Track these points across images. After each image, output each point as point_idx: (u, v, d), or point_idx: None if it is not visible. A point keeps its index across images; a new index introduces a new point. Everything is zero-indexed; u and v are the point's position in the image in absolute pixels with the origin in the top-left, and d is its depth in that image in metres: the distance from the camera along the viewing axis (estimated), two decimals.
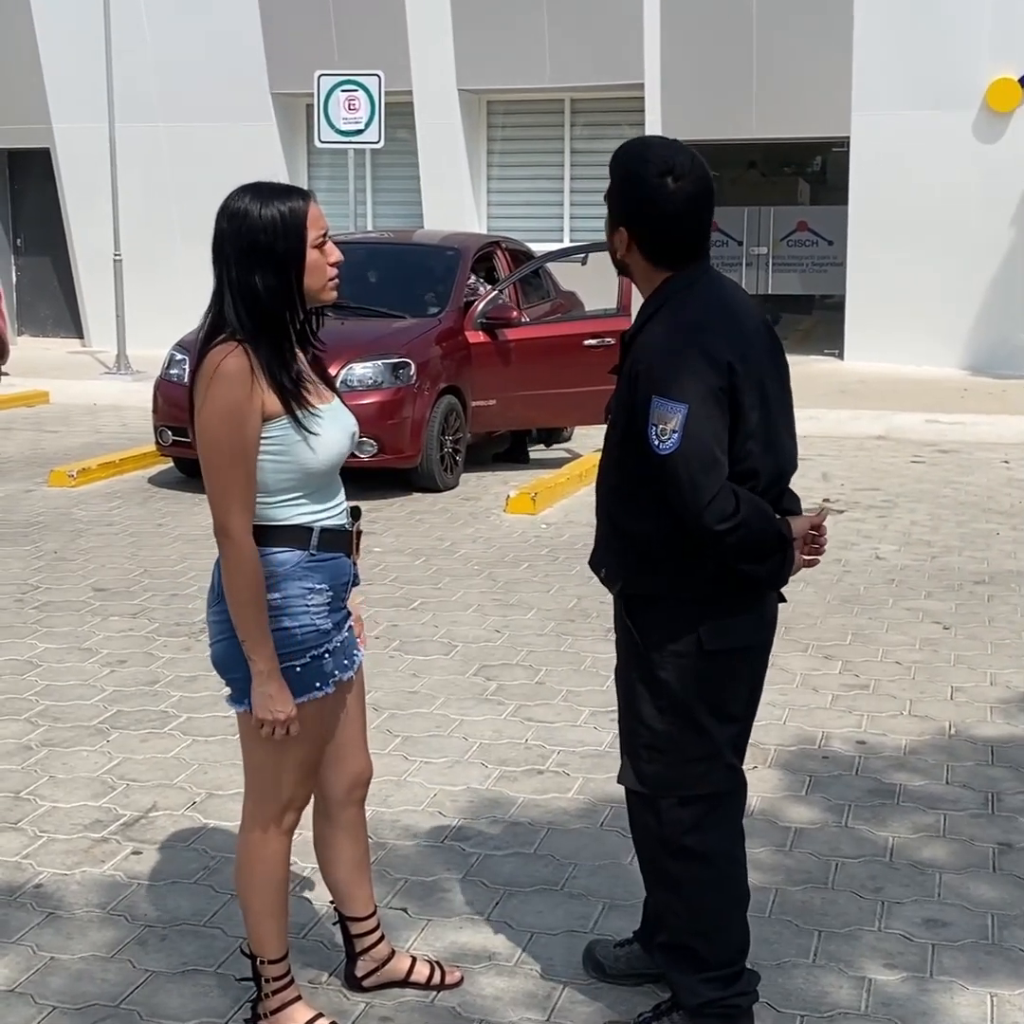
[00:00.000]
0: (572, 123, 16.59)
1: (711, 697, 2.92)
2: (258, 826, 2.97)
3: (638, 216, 2.82)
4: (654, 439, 2.74)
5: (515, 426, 10.31)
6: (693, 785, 2.95)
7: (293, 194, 2.78)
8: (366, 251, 10.94)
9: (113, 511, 8.55)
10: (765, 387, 2.84)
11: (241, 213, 2.74)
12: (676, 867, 2.99)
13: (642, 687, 2.96)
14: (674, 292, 2.85)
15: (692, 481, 2.71)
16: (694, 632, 2.87)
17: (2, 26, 16.71)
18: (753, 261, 16.76)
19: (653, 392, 2.74)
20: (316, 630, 2.86)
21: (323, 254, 2.81)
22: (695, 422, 2.71)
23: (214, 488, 2.76)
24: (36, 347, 17.35)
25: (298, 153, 17.16)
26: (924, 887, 3.77)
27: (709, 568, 2.83)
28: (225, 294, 2.77)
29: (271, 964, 3.03)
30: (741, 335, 2.83)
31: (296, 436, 2.77)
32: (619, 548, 2.96)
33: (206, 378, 2.73)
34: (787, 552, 2.86)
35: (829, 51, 14.62)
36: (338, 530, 2.90)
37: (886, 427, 11.71)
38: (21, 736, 4.81)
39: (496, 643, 5.94)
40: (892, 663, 5.69)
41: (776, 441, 2.88)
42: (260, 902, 2.99)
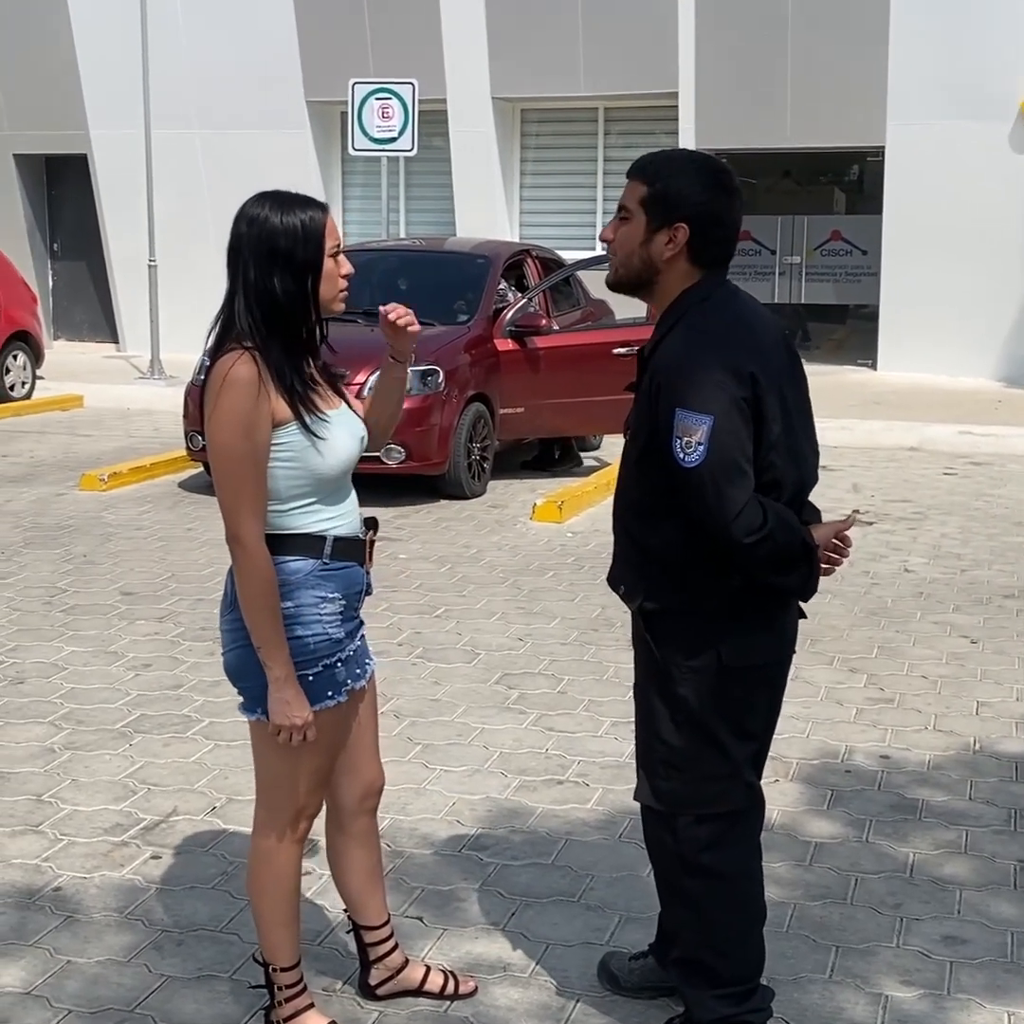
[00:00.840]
0: (606, 131, 16.59)
1: (730, 714, 2.90)
2: (270, 834, 2.98)
3: (710, 213, 2.81)
4: (679, 452, 2.71)
5: (543, 434, 10.31)
6: (711, 803, 2.93)
7: (312, 204, 2.82)
8: (397, 259, 10.99)
9: (143, 515, 8.60)
10: (785, 398, 2.82)
11: (262, 218, 2.77)
12: (692, 884, 2.97)
13: (660, 703, 2.94)
14: (691, 305, 2.84)
15: (719, 493, 2.69)
16: (713, 648, 2.85)
17: (40, 33, 16.85)
18: (786, 270, 16.70)
19: (676, 405, 2.72)
20: (328, 639, 2.86)
21: (336, 265, 2.84)
22: (721, 434, 2.68)
23: (226, 496, 2.77)
24: (71, 351, 17.48)
25: (332, 160, 17.23)
26: (944, 904, 3.74)
27: (733, 583, 2.81)
28: (238, 298, 2.78)
29: (283, 972, 3.03)
30: (760, 347, 2.81)
31: (305, 442, 2.78)
32: (638, 563, 2.94)
33: (215, 386, 2.75)
34: (813, 562, 2.83)
35: (864, 60, 14.56)
36: (351, 539, 2.91)
37: (919, 438, 11.64)
38: (45, 739, 4.84)
39: (519, 652, 5.93)
40: (918, 677, 5.65)
41: (798, 452, 2.86)
42: (271, 910, 3.00)
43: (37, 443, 11.39)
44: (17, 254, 16.07)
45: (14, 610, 6.43)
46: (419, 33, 15.74)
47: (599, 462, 10.63)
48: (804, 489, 2.91)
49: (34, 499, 9.02)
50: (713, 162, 2.91)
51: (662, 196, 2.81)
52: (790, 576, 2.81)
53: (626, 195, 2.87)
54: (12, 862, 3.91)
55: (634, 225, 2.85)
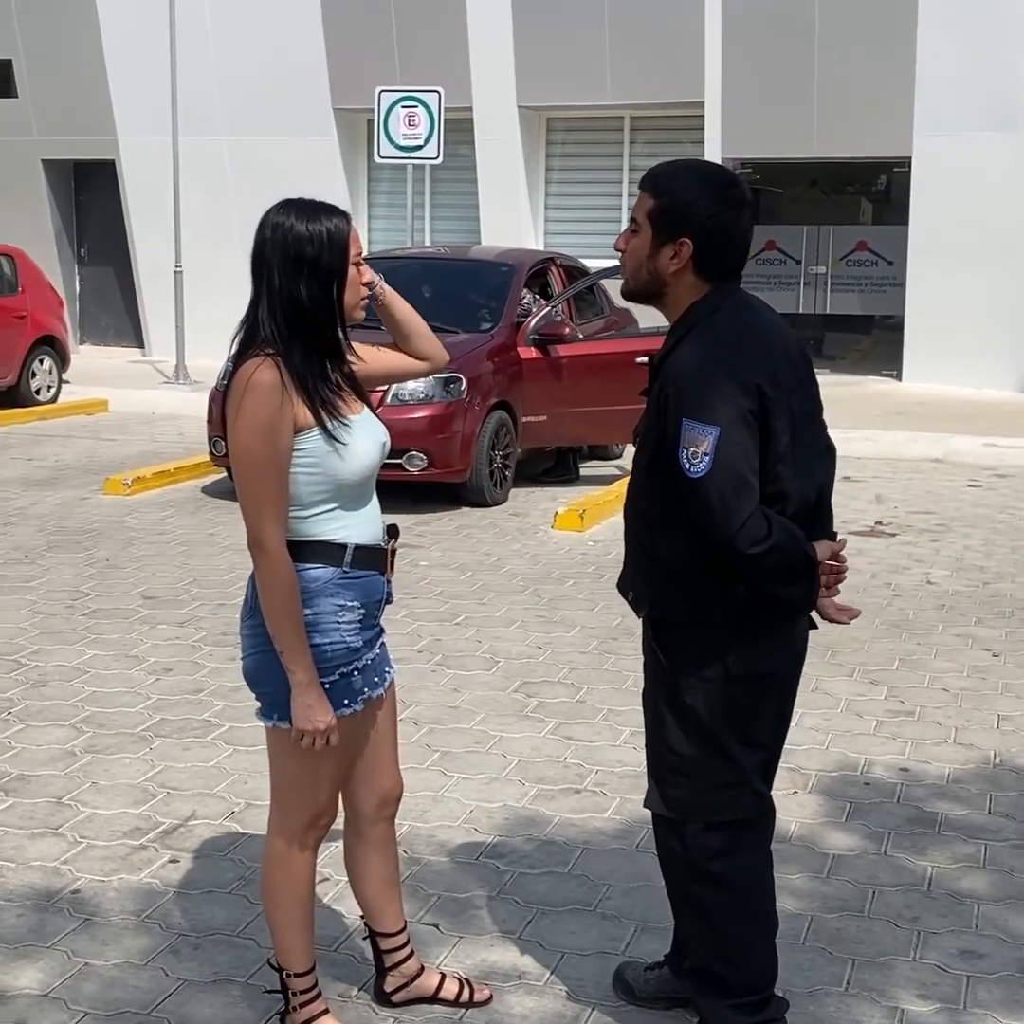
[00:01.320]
0: (631, 140, 16.60)
1: (738, 723, 2.91)
2: (284, 840, 2.99)
3: (715, 227, 2.81)
4: (685, 462, 2.73)
5: (565, 442, 10.32)
6: (720, 811, 2.93)
7: (336, 212, 2.85)
8: (422, 266, 11.01)
9: (166, 520, 8.64)
10: (794, 411, 2.82)
11: (287, 225, 2.79)
12: (702, 893, 2.98)
13: (668, 712, 2.95)
14: (703, 315, 2.84)
15: (724, 504, 2.70)
16: (721, 657, 2.86)
17: (70, 40, 16.97)
18: (811, 280, 16.67)
19: (683, 415, 2.73)
20: (346, 648, 2.87)
21: (359, 273, 2.86)
22: (726, 445, 2.69)
23: (248, 501, 2.78)
24: (97, 356, 17.58)
25: (358, 168, 17.29)
26: (961, 918, 3.73)
27: (738, 592, 2.82)
28: (263, 303, 2.80)
29: (297, 977, 3.04)
30: (770, 357, 2.81)
31: (327, 447, 2.79)
32: (647, 572, 2.95)
33: (238, 392, 2.77)
34: (815, 575, 2.84)
35: (891, 71, 14.54)
36: (373, 548, 2.92)
37: (943, 450, 11.59)
38: (66, 742, 4.87)
39: (538, 660, 5.93)
40: (939, 690, 5.62)
41: (807, 465, 2.86)
42: (285, 915, 3.01)
43: (62, 447, 11.46)
44: (45, 259, 16.18)
45: (37, 613, 6.47)
46: (446, 42, 15.79)
47: (621, 471, 10.63)
48: (811, 502, 2.90)
49: (58, 503, 9.07)
50: (723, 174, 2.91)
51: (668, 210, 2.82)
52: (793, 588, 2.82)
53: (636, 206, 2.90)
54: (32, 864, 3.94)
55: (641, 238, 2.87)
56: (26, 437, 11.94)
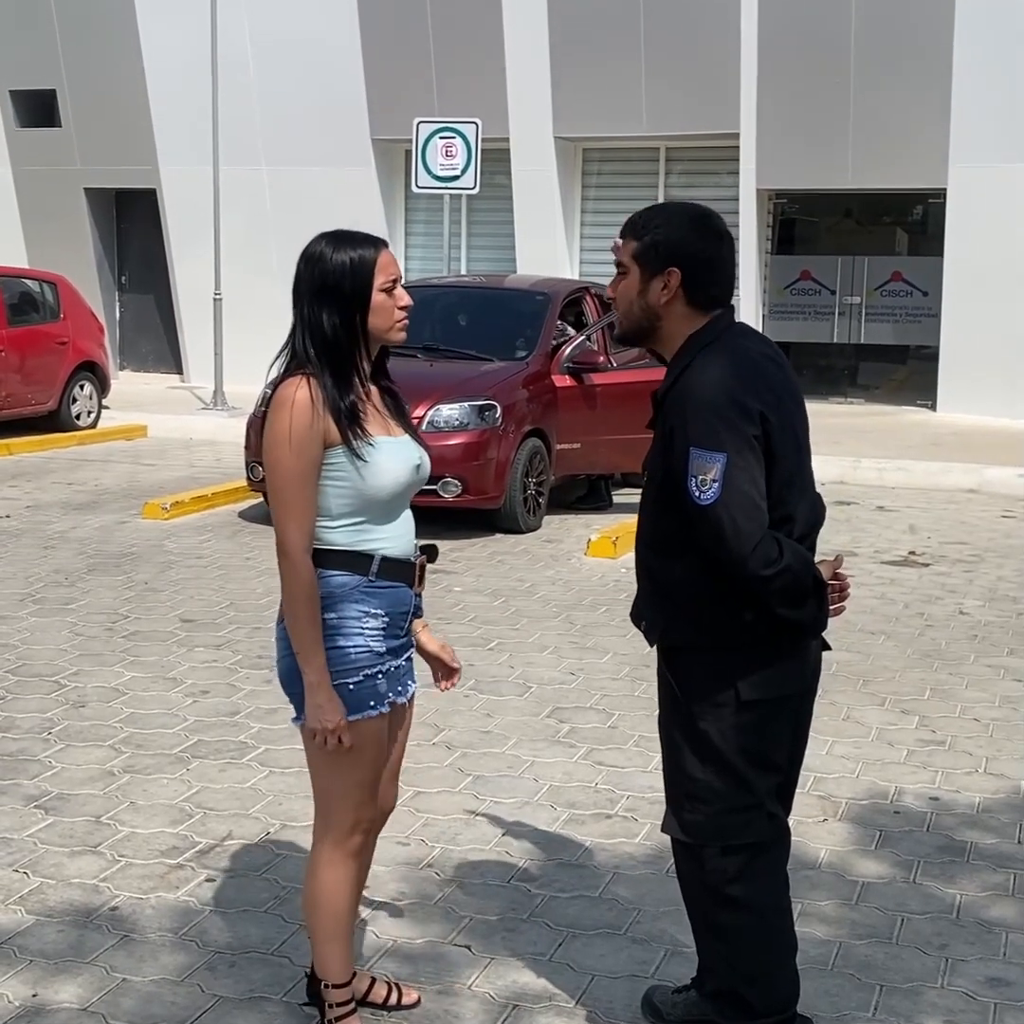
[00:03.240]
0: (667, 171, 16.70)
1: (751, 747, 2.95)
2: (327, 845, 3.07)
3: (696, 256, 2.92)
4: (694, 490, 2.80)
5: (599, 470, 10.37)
6: (735, 835, 2.98)
7: (366, 242, 2.98)
8: (458, 295, 11.13)
9: (203, 544, 8.74)
10: (798, 435, 2.93)
11: (317, 256, 2.96)
12: (722, 916, 3.02)
13: (682, 738, 3.01)
14: (701, 347, 2.93)
15: (735, 529, 2.77)
16: (732, 683, 2.92)
17: (113, 71, 17.24)
18: (846, 310, 16.69)
19: (690, 444, 2.82)
20: (369, 651, 2.97)
21: (391, 297, 2.98)
22: (734, 471, 2.78)
23: (276, 508, 2.94)
24: (137, 382, 17.77)
25: (396, 198, 17.45)
26: (990, 946, 3.74)
27: (745, 618, 2.88)
28: (297, 329, 2.98)
29: (335, 988, 3.10)
30: (770, 385, 2.90)
31: (352, 463, 2.93)
32: (657, 601, 3.04)
33: (275, 409, 2.95)
34: (823, 596, 2.91)
35: (927, 102, 14.58)
36: (401, 560, 3.02)
37: (978, 480, 11.58)
38: (105, 762, 4.94)
39: (571, 686, 5.98)
40: (970, 720, 5.63)
41: (809, 488, 2.97)
42: (322, 923, 3.08)
43: (102, 471, 11.60)
44: (86, 286, 16.41)
45: (77, 635, 6.56)
46: (483, 73, 15.94)
47: None
48: (816, 524, 2.99)
49: (98, 526, 9.19)
50: (697, 208, 3.03)
51: (652, 246, 2.95)
52: (802, 610, 2.88)
53: (621, 253, 3.01)
54: (71, 881, 4.01)
55: (631, 278, 2.98)
56: (66, 462, 12.10)
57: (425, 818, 4.50)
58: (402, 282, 3.05)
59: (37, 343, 13.25)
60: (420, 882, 4.06)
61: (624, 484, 11.03)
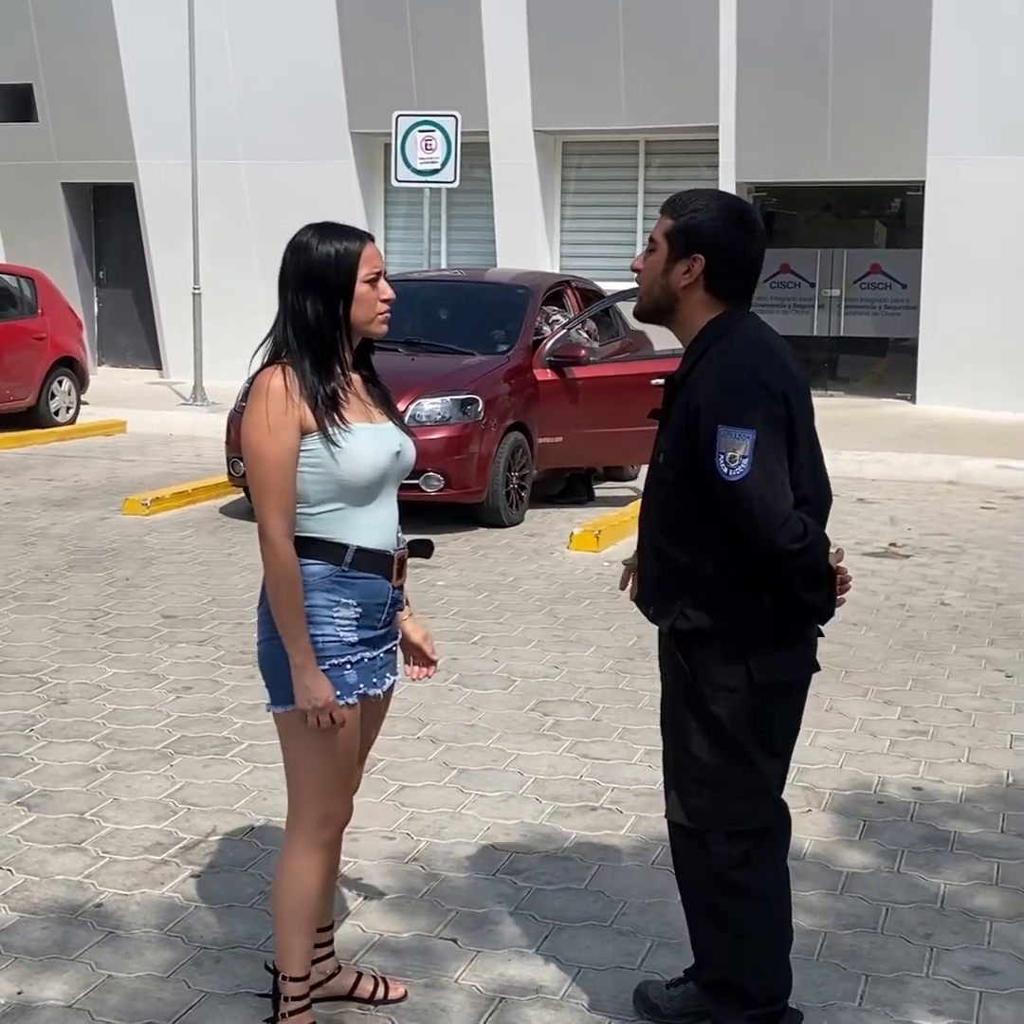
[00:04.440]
0: (646, 164, 16.70)
1: (761, 731, 2.98)
2: (298, 838, 3.07)
3: (725, 246, 2.94)
4: (723, 467, 2.82)
5: (581, 463, 10.38)
6: (741, 820, 3.00)
7: (352, 235, 3.00)
8: (438, 289, 11.11)
9: (184, 540, 8.71)
10: (810, 422, 2.97)
11: (303, 246, 2.99)
12: (724, 902, 3.03)
13: (693, 721, 3.01)
14: (718, 335, 2.96)
15: (764, 504, 2.80)
16: (746, 666, 2.94)
17: (90, 65, 17.15)
18: (825, 303, 16.73)
19: (718, 422, 2.84)
20: (338, 641, 2.98)
21: (374, 289, 2.99)
22: (763, 447, 2.81)
23: (256, 494, 2.96)
24: (115, 377, 17.70)
25: (375, 191, 17.42)
26: (974, 935, 3.76)
27: (763, 601, 2.90)
28: (281, 319, 3.01)
29: (292, 982, 3.10)
30: (788, 370, 2.94)
31: (328, 450, 2.94)
32: (670, 585, 3.02)
33: (252, 397, 2.99)
34: (834, 583, 2.95)
35: (905, 95, 14.62)
36: (377, 552, 3.01)
37: (957, 472, 11.63)
38: (88, 759, 4.93)
39: (555, 679, 5.98)
40: (952, 710, 5.66)
41: (821, 474, 3.01)
42: (288, 915, 3.08)
43: (81, 468, 11.55)
44: (64, 281, 16.32)
45: (58, 632, 6.54)
46: (462, 66, 15.92)
47: (636, 492, 10.67)
48: (826, 508, 3.03)
49: (78, 523, 9.16)
50: (739, 202, 3.05)
51: (684, 229, 2.97)
52: (818, 594, 2.92)
53: (656, 228, 3.04)
54: (55, 878, 3.99)
55: (658, 255, 3.01)
56: (45, 458, 12.05)
57: (410, 812, 4.50)
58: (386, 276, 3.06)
59: (14, 339, 13.18)
60: (406, 876, 4.06)
61: (607, 478, 11.05)
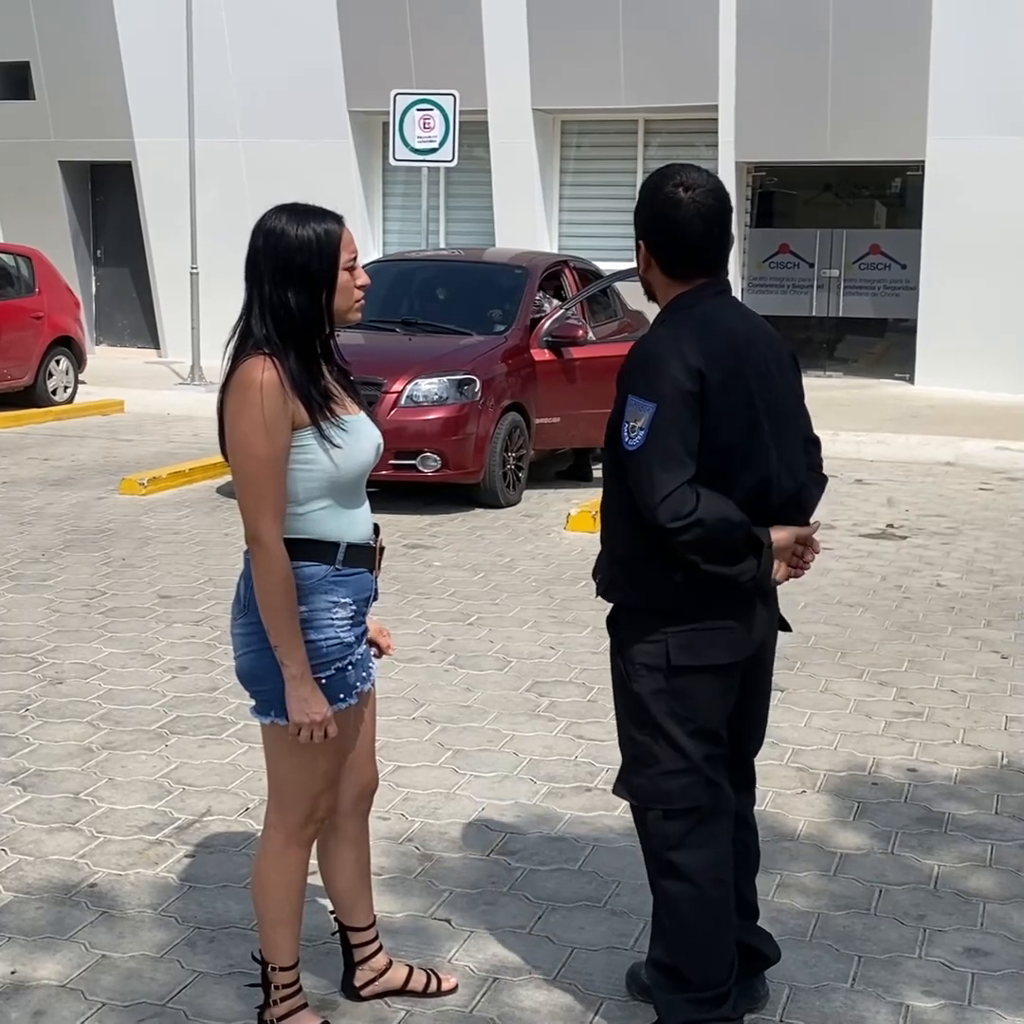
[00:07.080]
0: (646, 144, 16.64)
1: (681, 712, 2.96)
2: (281, 835, 3.03)
3: (653, 227, 2.97)
4: (625, 436, 2.86)
5: (578, 444, 10.37)
6: (673, 799, 2.99)
7: (328, 217, 2.87)
8: (436, 268, 11.09)
9: (181, 520, 8.71)
10: (755, 407, 2.90)
11: (278, 232, 2.83)
12: (663, 882, 3.04)
13: (621, 698, 3.05)
14: (677, 310, 2.97)
15: (650, 477, 2.81)
16: (664, 647, 2.93)
17: (87, 42, 17.06)
18: (824, 284, 16.69)
19: (629, 392, 2.87)
20: (340, 643, 2.93)
21: (352, 277, 2.90)
22: (661, 421, 2.81)
23: (248, 497, 2.82)
24: (113, 357, 17.67)
25: (373, 170, 17.36)
26: (967, 916, 3.77)
27: (677, 579, 2.88)
28: (254, 308, 2.86)
29: (281, 971, 3.09)
30: (719, 349, 2.88)
31: (322, 446, 2.84)
32: (604, 557, 3.06)
33: (239, 390, 2.81)
34: (761, 557, 2.89)
35: (905, 74, 14.56)
36: (363, 546, 2.97)
37: (955, 453, 11.62)
38: (83, 738, 4.93)
39: (550, 660, 5.99)
40: (947, 691, 5.66)
41: (758, 456, 2.91)
42: (276, 910, 3.06)
43: (78, 447, 11.54)
44: (61, 260, 16.27)
45: (54, 611, 6.54)
46: (461, 45, 15.85)
47: None
48: (768, 493, 2.94)
49: (75, 502, 9.15)
50: (662, 178, 2.96)
51: (634, 215, 3.02)
52: (734, 568, 2.86)
53: None
54: (50, 858, 4.00)
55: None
56: (42, 437, 12.04)
57: (405, 792, 4.50)
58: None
59: (12, 318, 13.15)
60: (400, 856, 4.06)
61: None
